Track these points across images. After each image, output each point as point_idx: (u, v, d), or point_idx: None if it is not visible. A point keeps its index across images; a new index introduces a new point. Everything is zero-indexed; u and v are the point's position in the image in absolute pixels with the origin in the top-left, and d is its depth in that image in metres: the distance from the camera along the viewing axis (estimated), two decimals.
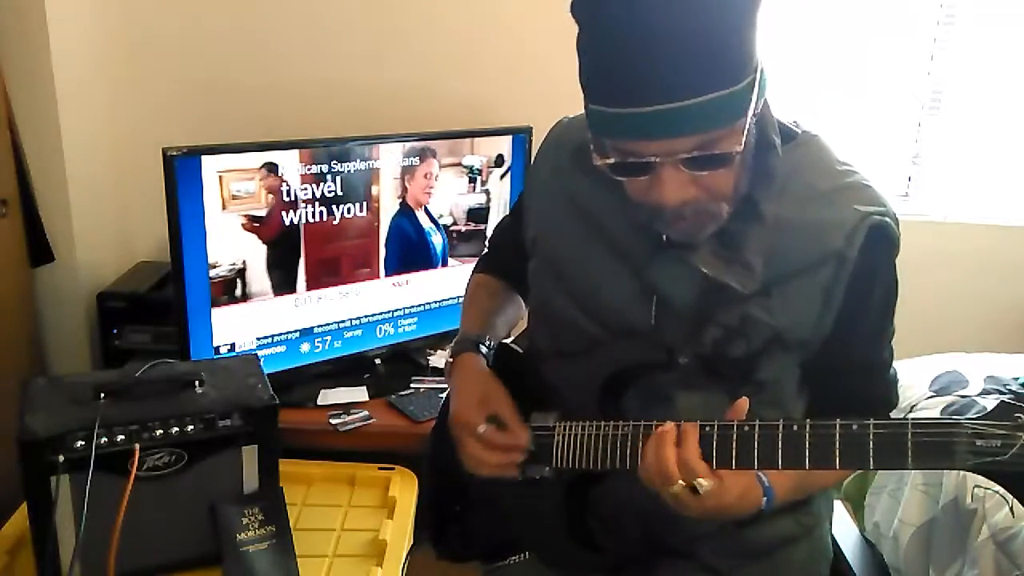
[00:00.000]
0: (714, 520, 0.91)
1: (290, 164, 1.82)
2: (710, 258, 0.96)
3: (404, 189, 2.02)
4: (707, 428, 0.89)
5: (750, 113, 0.87)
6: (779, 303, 0.97)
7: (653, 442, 0.90)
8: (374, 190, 1.96)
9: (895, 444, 0.80)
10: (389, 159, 1.97)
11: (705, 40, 0.82)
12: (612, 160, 0.90)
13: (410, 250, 2.08)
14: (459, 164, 2.07)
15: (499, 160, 2.12)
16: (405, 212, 2.04)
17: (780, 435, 0.86)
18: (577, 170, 1.09)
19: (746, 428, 0.88)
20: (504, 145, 2.12)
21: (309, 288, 1.92)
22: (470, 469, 1.10)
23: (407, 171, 2.01)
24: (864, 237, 0.95)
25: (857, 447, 0.82)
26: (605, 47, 0.86)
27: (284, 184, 1.82)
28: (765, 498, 0.94)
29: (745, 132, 0.87)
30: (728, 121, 0.86)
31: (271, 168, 1.79)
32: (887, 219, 0.96)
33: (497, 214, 2.16)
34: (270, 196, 1.80)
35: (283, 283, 1.89)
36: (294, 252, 1.88)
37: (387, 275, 2.05)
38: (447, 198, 2.09)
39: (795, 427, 0.85)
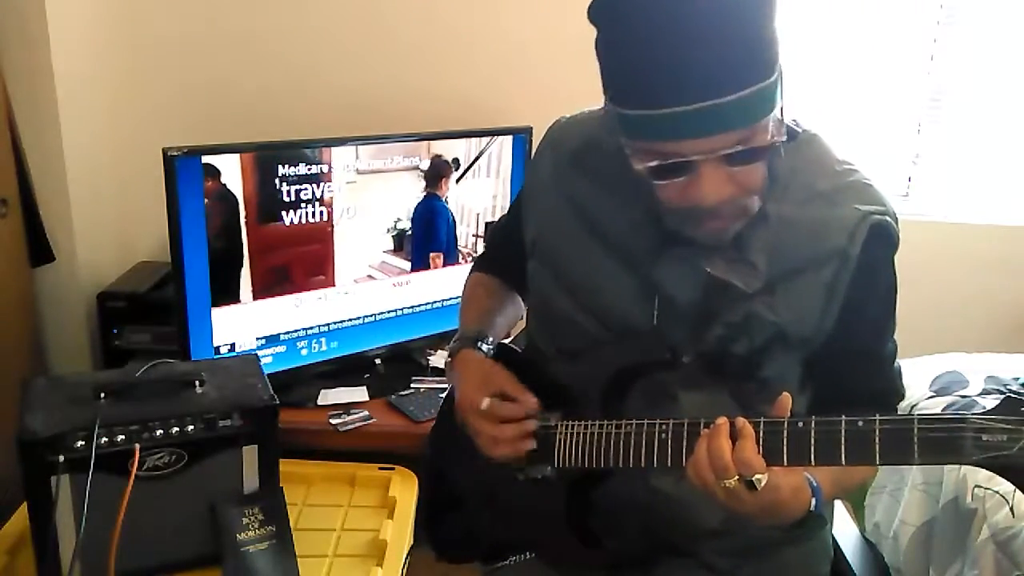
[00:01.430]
0: (766, 517, 0.89)
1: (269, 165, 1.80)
2: (715, 258, 0.96)
3: (429, 182, 2.04)
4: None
5: (779, 105, 0.87)
6: (782, 301, 0.97)
7: (708, 436, 0.88)
8: (334, 193, 1.91)
9: (901, 439, 0.79)
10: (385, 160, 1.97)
11: (741, 34, 0.82)
12: (654, 163, 0.88)
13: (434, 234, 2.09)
14: (416, 168, 2.04)
15: (456, 163, 2.10)
16: (432, 198, 2.06)
17: (785, 432, 0.85)
18: (576, 170, 1.09)
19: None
20: (459, 148, 2.09)
21: (256, 298, 1.86)
22: (485, 451, 1.09)
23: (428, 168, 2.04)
24: (866, 236, 0.96)
25: (863, 443, 0.81)
26: (635, 47, 0.84)
27: (282, 183, 1.82)
28: (814, 499, 0.92)
29: (772, 125, 0.87)
30: (764, 114, 0.86)
31: (209, 171, 1.72)
32: (887, 218, 0.97)
33: (456, 217, 2.14)
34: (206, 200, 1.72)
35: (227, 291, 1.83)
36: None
37: (415, 268, 2.09)
38: (404, 202, 2.04)
39: (800, 423, 0.85)
